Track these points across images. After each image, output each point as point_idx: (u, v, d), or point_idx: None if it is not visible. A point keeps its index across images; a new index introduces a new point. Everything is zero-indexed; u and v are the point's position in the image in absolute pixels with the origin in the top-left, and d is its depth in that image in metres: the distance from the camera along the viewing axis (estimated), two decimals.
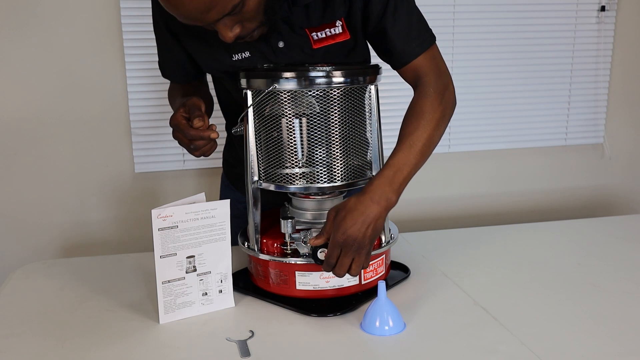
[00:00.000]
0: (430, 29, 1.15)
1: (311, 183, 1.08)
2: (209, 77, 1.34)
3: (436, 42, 1.15)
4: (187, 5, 0.89)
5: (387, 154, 1.22)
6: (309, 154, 1.08)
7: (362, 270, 1.09)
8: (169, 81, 1.33)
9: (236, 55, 1.13)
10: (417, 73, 1.13)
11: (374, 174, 1.13)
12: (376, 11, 1.10)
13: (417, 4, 1.14)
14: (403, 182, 1.04)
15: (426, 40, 1.13)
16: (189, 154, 1.10)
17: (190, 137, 1.04)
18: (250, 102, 1.08)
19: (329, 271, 1.03)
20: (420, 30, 1.13)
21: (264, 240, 1.12)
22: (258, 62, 1.13)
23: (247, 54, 1.13)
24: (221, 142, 1.44)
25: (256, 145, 1.10)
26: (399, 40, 1.11)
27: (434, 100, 1.09)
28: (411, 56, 1.12)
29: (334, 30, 1.12)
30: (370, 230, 1.01)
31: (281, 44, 1.11)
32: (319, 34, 1.11)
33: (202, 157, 2.13)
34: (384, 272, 1.16)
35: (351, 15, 1.11)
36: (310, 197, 1.13)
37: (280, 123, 1.07)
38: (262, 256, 1.11)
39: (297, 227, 1.09)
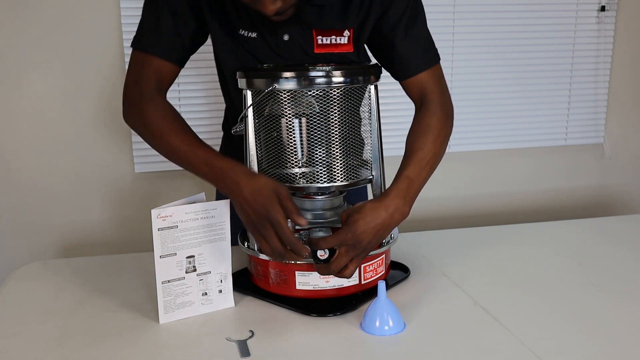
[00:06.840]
0: (437, 49, 1.18)
1: (311, 183, 1.08)
2: (212, 77, 1.32)
3: (436, 41, 1.16)
4: None
5: (386, 153, 1.22)
6: (309, 154, 1.08)
7: (362, 270, 1.10)
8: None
9: (243, 30, 1.11)
10: (423, 90, 1.16)
11: (373, 174, 1.13)
12: (391, 22, 1.12)
13: None
14: (414, 195, 1.08)
15: (433, 57, 1.17)
16: (260, 252, 1.03)
17: (288, 242, 0.96)
18: (250, 102, 1.08)
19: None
20: (429, 48, 1.17)
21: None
22: (259, 46, 1.12)
23: (254, 34, 1.11)
24: (218, 142, 1.44)
25: (256, 145, 1.10)
26: (407, 53, 1.14)
27: (441, 117, 1.14)
28: (417, 69, 1.15)
29: (339, 40, 1.12)
30: (376, 238, 1.03)
31: (286, 37, 1.11)
32: (324, 39, 1.12)
33: None
34: (384, 272, 1.16)
35: (363, 26, 1.12)
36: (310, 197, 1.13)
37: (280, 123, 1.07)
38: (262, 256, 1.11)
39: (297, 227, 1.09)
